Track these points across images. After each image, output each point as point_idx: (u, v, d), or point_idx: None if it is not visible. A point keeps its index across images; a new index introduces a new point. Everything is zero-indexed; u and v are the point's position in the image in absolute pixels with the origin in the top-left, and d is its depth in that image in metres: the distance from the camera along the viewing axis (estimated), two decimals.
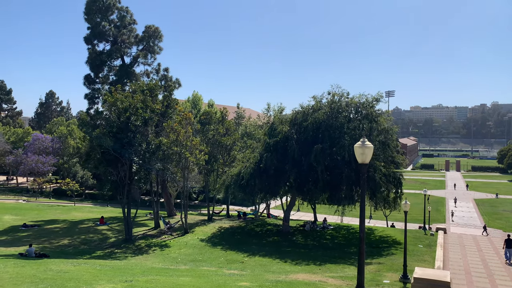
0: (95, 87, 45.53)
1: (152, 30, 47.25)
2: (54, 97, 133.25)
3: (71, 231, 38.90)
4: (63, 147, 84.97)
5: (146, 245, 32.91)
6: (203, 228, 38.90)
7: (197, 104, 79.58)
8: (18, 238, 34.43)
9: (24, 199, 69.03)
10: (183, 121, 35.47)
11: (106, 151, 31.11)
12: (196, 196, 75.58)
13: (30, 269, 16.72)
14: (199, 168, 43.57)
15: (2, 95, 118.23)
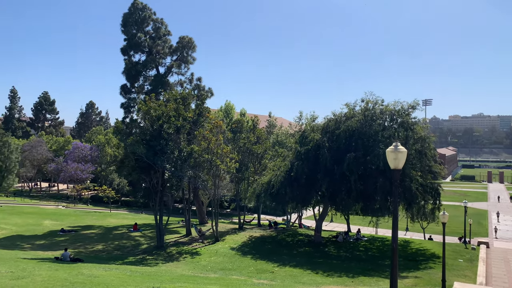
0: (131, 96, 46.79)
1: (186, 41, 48.15)
2: (94, 107, 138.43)
3: (106, 237, 39.77)
4: (101, 155, 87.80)
5: (177, 252, 33.08)
6: (234, 237, 38.72)
7: (229, 113, 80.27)
8: (55, 243, 35.54)
9: (63, 205, 71.60)
10: (214, 129, 35.68)
11: (139, 158, 31.71)
12: (228, 204, 75.70)
13: (62, 273, 17.05)
14: (231, 176, 43.62)
15: (46, 106, 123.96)
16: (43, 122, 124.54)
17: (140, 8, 47.17)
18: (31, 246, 33.47)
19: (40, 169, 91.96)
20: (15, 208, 59.53)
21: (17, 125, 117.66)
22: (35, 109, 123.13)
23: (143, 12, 47.17)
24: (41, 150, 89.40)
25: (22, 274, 15.66)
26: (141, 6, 47.25)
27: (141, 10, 47.19)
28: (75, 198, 79.91)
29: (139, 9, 47.05)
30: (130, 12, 46.85)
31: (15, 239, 36.00)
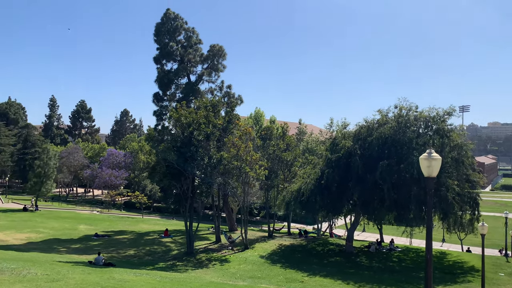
0: (163, 104, 47.71)
1: (216, 49, 48.72)
2: (128, 115, 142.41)
3: (137, 242, 40.46)
4: (134, 161, 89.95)
5: (206, 259, 33.16)
6: (263, 245, 38.45)
7: (259, 120, 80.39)
8: (90, 247, 36.48)
9: (98, 210, 73.67)
10: (243, 136, 35.74)
11: (170, 164, 32.16)
12: (258, 212, 75.54)
13: (95, 277, 17.37)
14: (260, 183, 43.49)
15: (83, 114, 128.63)
16: (80, 129, 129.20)
17: (172, 17, 48.21)
18: (67, 249, 34.49)
19: (76, 175, 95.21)
20: (52, 212, 61.72)
21: (56, 133, 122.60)
22: (72, 117, 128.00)
23: (175, 21, 48.17)
24: (78, 157, 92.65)
25: (56, 277, 16.05)
26: (173, 15, 48.29)
27: (173, 19, 48.21)
28: (109, 204, 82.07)
29: (171, 19, 48.09)
30: (163, 22, 47.96)
31: (52, 243, 37.21)
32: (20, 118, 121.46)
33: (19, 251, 28.99)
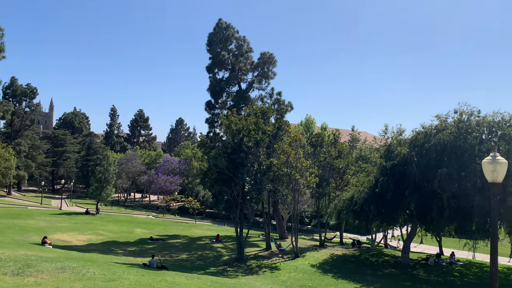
0: (215, 112, 48.80)
1: (267, 57, 49.10)
2: (183, 124, 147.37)
3: (190, 246, 41.33)
4: (188, 168, 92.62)
5: (257, 265, 33.08)
6: (314, 254, 37.71)
7: (309, 127, 79.59)
8: (145, 250, 37.79)
9: (153, 214, 76.47)
10: (293, 142, 35.46)
11: (221, 170, 32.62)
12: (309, 220, 74.51)
13: (148, 279, 17.86)
14: (311, 191, 42.86)
15: (141, 122, 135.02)
16: (138, 137, 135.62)
17: (224, 27, 49.32)
18: (124, 252, 35.96)
19: (134, 181, 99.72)
20: (111, 216, 64.91)
21: (116, 140, 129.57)
22: (131, 126, 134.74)
23: (227, 31, 49.22)
24: (136, 163, 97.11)
25: (112, 277, 16.67)
26: (225, 25, 49.38)
27: (225, 29, 49.30)
28: (164, 209, 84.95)
29: (223, 29, 49.21)
30: (215, 32, 49.21)
31: (110, 245, 39.00)
32: (84, 127, 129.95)
33: (81, 252, 30.65)
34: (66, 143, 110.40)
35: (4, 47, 37.91)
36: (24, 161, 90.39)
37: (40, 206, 72.07)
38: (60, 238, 38.34)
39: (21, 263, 16.69)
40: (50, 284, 13.61)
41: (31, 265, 16.60)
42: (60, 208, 68.94)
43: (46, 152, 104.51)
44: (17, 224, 43.14)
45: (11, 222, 43.91)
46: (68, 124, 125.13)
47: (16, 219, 47.34)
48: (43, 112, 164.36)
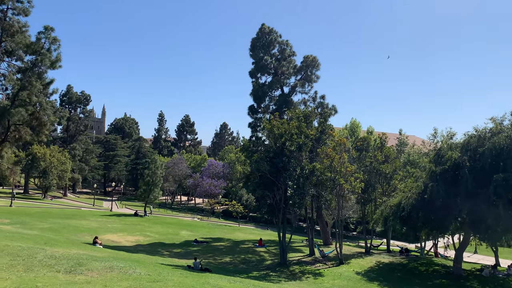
0: (257, 116, 49.02)
1: (310, 60, 48.70)
2: (227, 128, 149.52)
3: (233, 250, 41.64)
4: (231, 172, 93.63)
5: (300, 271, 32.71)
6: (360, 261, 36.72)
7: (355, 131, 77.92)
8: (189, 252, 38.54)
9: (198, 217, 77.92)
10: (337, 147, 34.81)
11: (263, 174, 32.65)
12: (354, 227, 72.76)
13: (191, 280, 18.15)
14: (356, 197, 41.84)
15: (187, 127, 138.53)
16: (184, 141, 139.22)
17: (267, 32, 49.55)
18: (169, 253, 36.87)
19: (180, 184, 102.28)
20: (158, 218, 66.90)
21: (163, 145, 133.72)
22: (178, 130, 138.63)
23: (270, 35, 49.40)
24: (182, 167, 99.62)
25: (157, 278, 17.10)
26: (268, 30, 49.59)
27: (268, 34, 49.50)
28: (209, 212, 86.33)
29: (266, 33, 49.45)
30: (258, 37, 49.55)
31: (157, 246, 40.15)
32: (133, 131, 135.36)
33: (129, 252, 31.76)
34: (117, 147, 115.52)
35: (61, 57, 40.40)
36: (78, 164, 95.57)
37: (92, 207, 75.75)
38: (110, 239, 40.00)
39: (73, 262, 17.53)
40: (99, 283, 14.17)
41: (82, 263, 17.39)
42: (111, 210, 72.06)
43: (99, 156, 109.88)
44: (72, 224, 45.55)
45: (66, 222, 46.44)
46: (119, 129, 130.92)
47: (70, 220, 50.01)
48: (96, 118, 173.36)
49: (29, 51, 39.80)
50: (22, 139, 42.81)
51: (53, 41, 39.84)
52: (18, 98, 39.01)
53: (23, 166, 76.40)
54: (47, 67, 39.76)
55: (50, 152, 79.01)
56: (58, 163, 79.26)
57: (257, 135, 45.90)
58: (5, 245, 19.39)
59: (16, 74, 40.73)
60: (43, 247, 20.93)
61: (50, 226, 41.34)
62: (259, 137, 38.39)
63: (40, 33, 39.55)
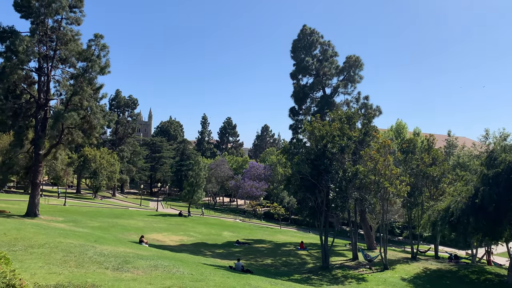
0: (298, 118, 48.75)
1: (353, 60, 47.81)
2: (268, 130, 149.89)
3: (274, 252, 41.62)
4: (272, 174, 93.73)
5: (342, 275, 32.09)
6: (405, 267, 35.46)
7: (400, 132, 75.50)
8: (231, 253, 38.96)
9: (240, 218, 78.62)
10: (382, 149, 33.84)
11: (304, 177, 32.36)
12: (400, 231, 70.47)
13: (232, 281, 18.35)
14: (402, 200, 40.50)
15: (229, 130, 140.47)
16: (226, 144, 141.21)
17: (308, 33, 49.22)
18: (212, 253, 37.47)
19: (223, 185, 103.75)
20: (201, 218, 68.21)
21: (206, 147, 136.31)
22: (220, 133, 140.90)
23: (311, 36, 49.02)
24: (224, 169, 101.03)
25: (199, 278, 17.44)
26: (309, 31, 49.24)
27: (309, 35, 49.15)
28: (251, 213, 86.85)
29: (307, 34, 49.13)
30: (299, 38, 49.32)
31: (200, 246, 40.93)
32: (178, 134, 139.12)
33: (173, 251, 32.62)
34: (163, 149, 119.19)
35: (109, 63, 42.26)
36: (126, 166, 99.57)
37: (139, 207, 78.58)
38: (155, 238, 41.28)
39: (120, 259, 18.28)
40: (144, 281, 14.68)
41: (129, 261, 18.08)
42: (157, 210, 74.38)
43: (145, 157, 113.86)
44: (120, 224, 47.49)
45: (114, 222, 48.50)
46: (165, 132, 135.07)
47: (118, 219, 52.16)
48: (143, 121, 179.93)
49: (80, 58, 41.97)
50: (74, 141, 45.15)
51: (102, 48, 41.74)
52: (71, 102, 41.22)
53: (75, 167, 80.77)
54: (97, 73, 41.70)
55: (100, 154, 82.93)
56: (108, 165, 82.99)
57: (298, 137, 45.61)
58: (59, 242, 20.55)
59: (69, 80, 43.10)
60: (93, 245, 21.98)
61: (100, 225, 43.34)
62: (300, 139, 38.13)
63: (91, 41, 41.55)
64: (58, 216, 45.30)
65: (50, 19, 41.63)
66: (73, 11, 43.14)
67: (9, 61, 38.40)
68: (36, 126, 42.32)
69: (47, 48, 42.15)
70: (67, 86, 42.33)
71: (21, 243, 19.27)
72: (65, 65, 44.27)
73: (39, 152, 42.04)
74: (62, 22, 42.67)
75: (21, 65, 39.35)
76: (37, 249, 18.40)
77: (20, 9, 40.15)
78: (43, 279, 12.98)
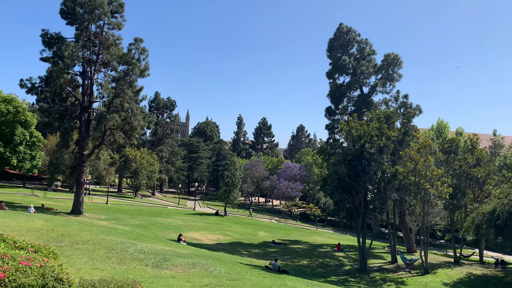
0: (335, 118, 48.09)
1: (391, 58, 46.63)
2: (303, 130, 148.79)
3: (311, 253, 41.29)
4: (308, 174, 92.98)
5: (381, 278, 31.41)
6: (448, 271, 34.19)
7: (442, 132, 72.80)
8: (267, 253, 39.04)
9: (275, 219, 78.56)
10: (422, 149, 32.79)
11: (341, 178, 31.91)
12: (441, 234, 67.93)
13: (268, 281, 18.40)
14: (444, 202, 39.06)
15: (264, 130, 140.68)
16: (261, 144, 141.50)
17: (345, 31, 48.48)
18: (248, 253, 37.70)
19: (258, 186, 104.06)
20: (237, 218, 68.75)
21: (242, 147, 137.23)
22: (255, 133, 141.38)
23: (348, 35, 48.26)
24: (259, 169, 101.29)
25: (236, 277, 17.62)
26: (346, 29, 48.49)
27: (346, 33, 48.40)
28: (286, 214, 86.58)
29: (343, 33, 48.40)
30: (335, 37, 48.68)
31: (236, 245, 41.29)
32: (214, 135, 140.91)
33: (210, 250, 33.12)
34: (200, 149, 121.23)
35: (149, 66, 43.57)
36: (165, 165, 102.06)
37: (177, 206, 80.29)
38: (193, 236, 42.06)
39: (160, 257, 18.78)
40: (182, 278, 15.01)
41: (168, 259, 18.55)
42: (194, 209, 75.72)
43: (183, 158, 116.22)
44: (159, 222, 48.76)
45: (154, 220, 49.86)
46: (201, 133, 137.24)
47: (158, 217, 53.58)
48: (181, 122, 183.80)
49: (121, 61, 43.54)
50: (116, 142, 46.89)
51: (142, 51, 43.08)
52: (113, 105, 42.84)
53: (117, 167, 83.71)
54: (137, 76, 43.09)
55: (140, 154, 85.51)
56: (147, 164, 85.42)
57: (334, 137, 45.05)
58: (102, 239, 21.40)
59: (111, 83, 44.83)
60: (133, 242, 22.71)
61: (140, 223, 44.69)
62: (337, 139, 37.64)
63: (131, 45, 42.99)
64: (101, 214, 47.14)
65: (93, 24, 43.45)
66: (114, 17, 44.83)
67: (56, 66, 40.45)
68: (80, 127, 44.31)
69: (91, 53, 44.06)
70: (109, 89, 44.05)
71: (67, 239, 20.23)
72: (107, 69, 46.07)
73: (83, 153, 43.95)
74: (104, 27, 44.45)
75: (67, 70, 41.34)
76: (82, 245, 19.24)
77: (66, 16, 42.18)
78: (88, 274, 13.57)
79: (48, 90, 43.06)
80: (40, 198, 56.36)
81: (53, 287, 7.50)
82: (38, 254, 9.36)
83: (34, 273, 7.37)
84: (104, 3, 41.51)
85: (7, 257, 7.62)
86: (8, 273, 7.10)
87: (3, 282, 7.00)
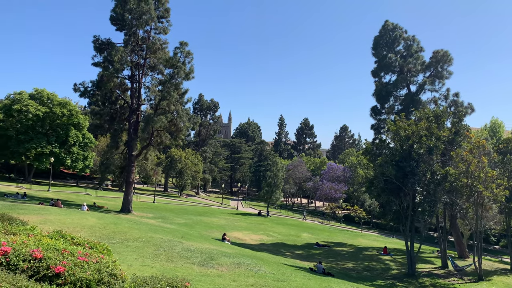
0: (381, 117, 46.74)
1: (440, 55, 44.66)
2: (347, 131, 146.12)
3: (356, 256, 40.40)
4: (352, 176, 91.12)
5: (430, 284, 30.18)
6: (504, 279, 32.24)
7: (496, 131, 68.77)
8: (311, 255, 38.64)
9: (319, 220, 77.67)
10: (475, 149, 31.11)
11: (388, 179, 30.95)
12: (497, 240, 64.17)
13: (314, 283, 18.20)
14: (500, 206, 36.85)
15: (306, 130, 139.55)
16: (303, 145, 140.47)
17: (390, 28, 47.04)
18: (291, 254, 37.51)
19: (300, 187, 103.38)
20: (280, 219, 68.65)
21: (284, 148, 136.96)
22: (297, 134, 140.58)
23: (394, 32, 46.79)
24: (302, 170, 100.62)
25: (281, 277, 17.58)
26: (392, 26, 47.03)
27: (392, 30, 46.95)
28: (330, 216, 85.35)
29: (389, 30, 46.99)
30: (381, 34, 47.35)
31: (279, 246, 41.21)
32: (256, 135, 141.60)
33: (253, 250, 33.26)
34: (242, 150, 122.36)
35: (193, 69, 44.55)
36: (208, 166, 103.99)
37: (220, 206, 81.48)
38: (236, 236, 42.45)
39: (205, 255, 19.11)
40: (228, 277, 15.18)
41: (214, 258, 18.83)
42: (237, 209, 76.47)
43: (226, 158, 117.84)
44: (203, 221, 49.69)
45: (198, 219, 50.87)
46: (243, 133, 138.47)
47: (202, 216, 54.61)
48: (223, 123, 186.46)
49: (167, 65, 44.85)
50: (162, 143, 48.37)
51: (187, 54, 44.15)
52: (160, 107, 44.23)
53: (163, 167, 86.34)
54: (182, 79, 44.19)
55: (185, 155, 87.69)
56: (192, 165, 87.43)
57: (380, 137, 43.72)
58: (150, 237, 22.10)
59: (158, 86, 46.34)
60: (180, 241, 23.27)
61: (185, 222, 45.75)
62: (383, 140, 36.47)
63: (176, 48, 44.16)
64: (149, 212, 48.76)
65: (141, 30, 45.08)
66: (161, 21, 46.29)
67: (106, 70, 42.37)
68: (129, 129, 46.10)
69: (138, 57, 45.75)
70: (156, 92, 45.53)
71: (118, 237, 21.08)
72: (154, 72, 47.65)
73: (132, 153, 45.69)
74: (151, 32, 46.02)
75: (116, 74, 43.19)
76: (132, 243, 19.98)
77: (115, 23, 44.08)
78: (139, 270, 14.05)
79: (99, 94, 45.20)
80: (92, 197, 59.22)
81: (108, 282, 7.84)
82: (94, 250, 9.83)
83: (91, 268, 7.74)
84: (151, 8, 42.94)
85: (66, 253, 8.05)
86: (68, 268, 7.50)
87: (63, 275, 7.41)
